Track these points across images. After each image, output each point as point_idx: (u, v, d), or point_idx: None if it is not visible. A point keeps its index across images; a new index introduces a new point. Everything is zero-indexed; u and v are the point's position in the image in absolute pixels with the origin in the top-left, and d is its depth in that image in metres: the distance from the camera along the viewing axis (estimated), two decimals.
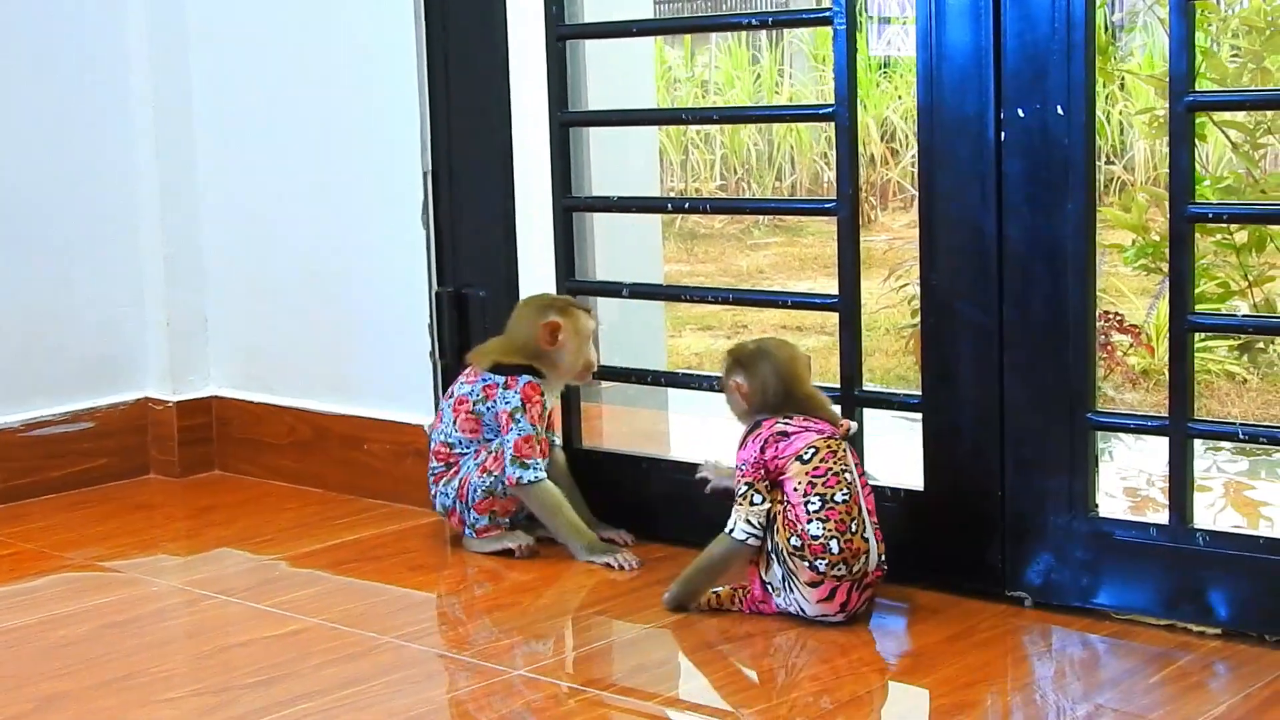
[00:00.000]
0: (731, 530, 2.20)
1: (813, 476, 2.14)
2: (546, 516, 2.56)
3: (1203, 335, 4.76)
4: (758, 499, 2.18)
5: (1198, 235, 4.88)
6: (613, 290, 2.77)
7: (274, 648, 2.20)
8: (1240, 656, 2.03)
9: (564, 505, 2.56)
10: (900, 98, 10.75)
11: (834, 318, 2.43)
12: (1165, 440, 2.15)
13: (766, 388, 2.26)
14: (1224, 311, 5.07)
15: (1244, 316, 4.92)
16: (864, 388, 2.42)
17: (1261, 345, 5.22)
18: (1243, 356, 5.19)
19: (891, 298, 6.03)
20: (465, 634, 2.30)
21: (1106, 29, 7.51)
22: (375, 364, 2.98)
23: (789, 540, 2.14)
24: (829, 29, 2.34)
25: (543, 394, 2.57)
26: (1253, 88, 5.32)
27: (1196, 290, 5.09)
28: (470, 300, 2.82)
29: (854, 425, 2.26)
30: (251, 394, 3.20)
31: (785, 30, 12.20)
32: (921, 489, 2.35)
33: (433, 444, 2.64)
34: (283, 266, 3.13)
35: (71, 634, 2.30)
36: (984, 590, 2.28)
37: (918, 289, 2.40)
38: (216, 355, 3.25)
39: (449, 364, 2.85)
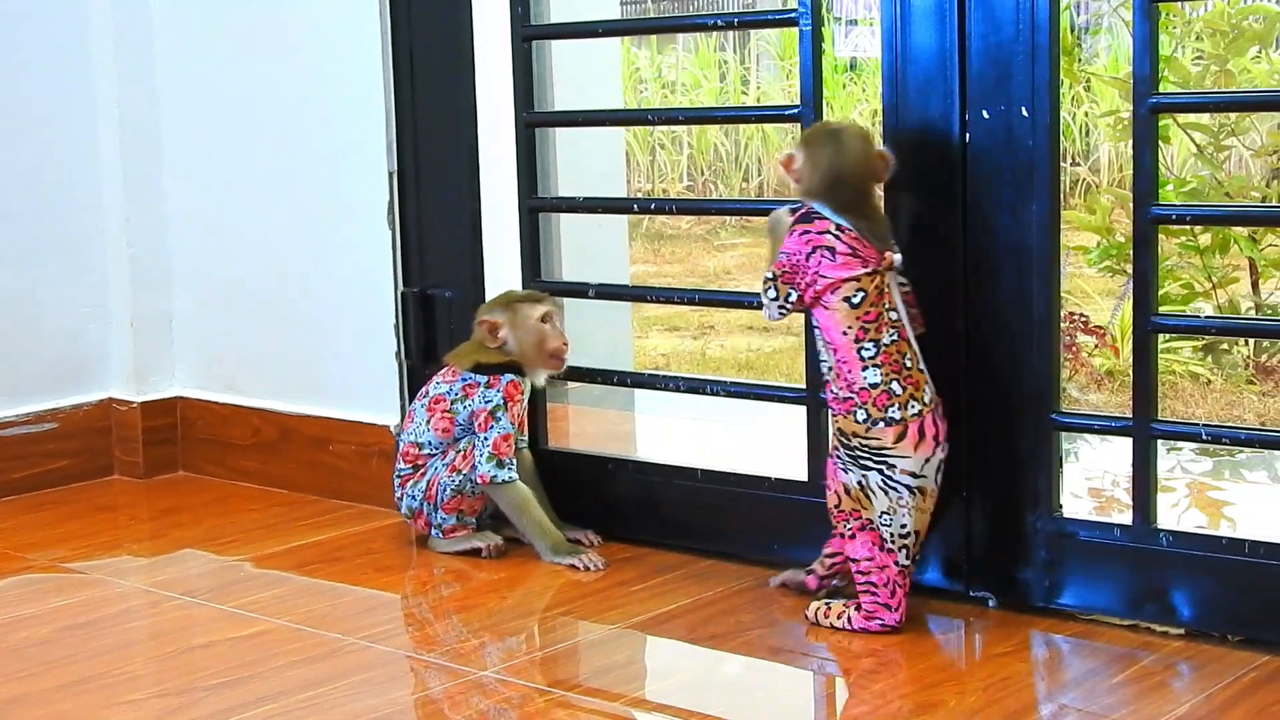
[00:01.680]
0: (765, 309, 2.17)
1: (864, 323, 2.08)
2: (515, 516, 2.56)
3: (1167, 336, 4.79)
4: (781, 293, 2.14)
5: (1162, 237, 4.91)
6: (579, 291, 2.77)
7: (238, 649, 2.19)
8: (1203, 656, 2.04)
9: (533, 505, 2.56)
10: (866, 99, 10.78)
11: (800, 319, 2.43)
12: (1129, 441, 2.16)
13: (844, 168, 2.14)
14: (1188, 313, 5.09)
15: (1207, 318, 4.94)
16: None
17: (1225, 347, 5.24)
18: (1206, 358, 5.22)
19: None
20: (431, 635, 2.29)
21: (1072, 31, 7.55)
22: (340, 365, 2.97)
23: (854, 418, 2.09)
24: (794, 30, 2.34)
25: (523, 393, 2.58)
26: (1216, 90, 5.35)
27: (1160, 292, 5.13)
28: (436, 301, 2.81)
29: (898, 257, 2.14)
30: (216, 395, 3.19)
31: (751, 31, 12.23)
32: None
33: (400, 445, 2.63)
34: (248, 267, 3.12)
35: (33, 635, 2.29)
36: (948, 591, 2.29)
37: None
38: (181, 355, 3.24)
39: (415, 365, 2.85)
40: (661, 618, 2.27)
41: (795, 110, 2.37)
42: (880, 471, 2.08)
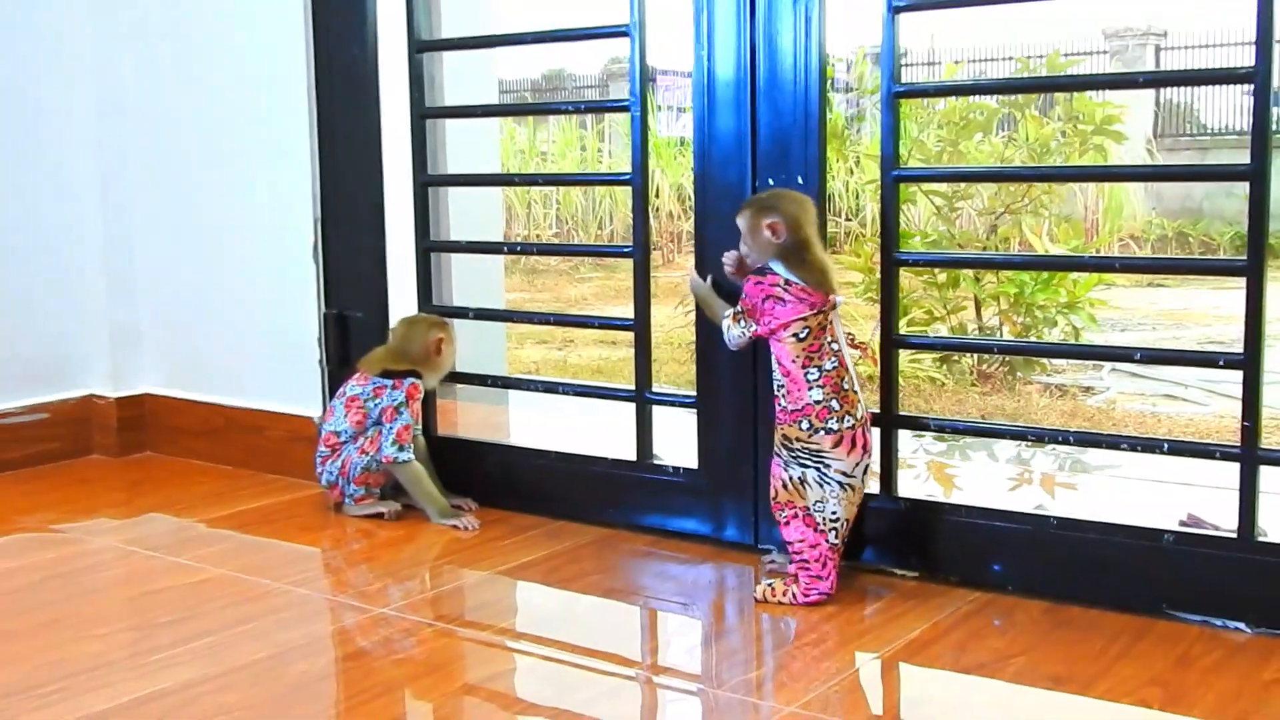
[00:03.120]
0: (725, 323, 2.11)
1: (809, 353, 2.01)
2: (411, 487, 2.53)
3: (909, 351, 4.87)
4: (743, 325, 2.07)
5: (909, 275, 5.02)
6: (461, 313, 2.75)
7: (188, 593, 2.14)
8: (931, 594, 2.07)
9: (425, 479, 2.53)
10: (690, 168, 10.86)
11: (632, 335, 2.43)
12: (877, 429, 2.19)
13: (795, 233, 2.03)
14: (925, 333, 5.19)
15: (935, 337, 5.05)
16: (652, 390, 2.42)
17: (956, 358, 5.36)
18: (941, 366, 5.33)
19: (682, 320, 6.09)
20: (344, 580, 2.25)
21: (844, 120, 7.66)
22: (275, 368, 2.92)
23: (799, 426, 2.01)
24: (627, 115, 2.34)
25: (421, 393, 2.55)
26: (947, 166, 5.47)
27: (907, 315, 5.24)
28: (350, 320, 2.77)
29: (840, 299, 2.05)
30: (176, 391, 3.11)
31: (605, 115, 12.23)
32: (695, 467, 2.36)
33: (322, 433, 2.59)
34: (202, 290, 3.05)
35: (23, 583, 2.21)
36: (741, 544, 2.30)
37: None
38: (149, 360, 3.16)
39: (333, 369, 2.80)
40: (524, 566, 2.25)
41: (627, 176, 2.36)
42: (818, 470, 2.02)
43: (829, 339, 2.02)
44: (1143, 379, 5.46)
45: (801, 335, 2.01)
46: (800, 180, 2.16)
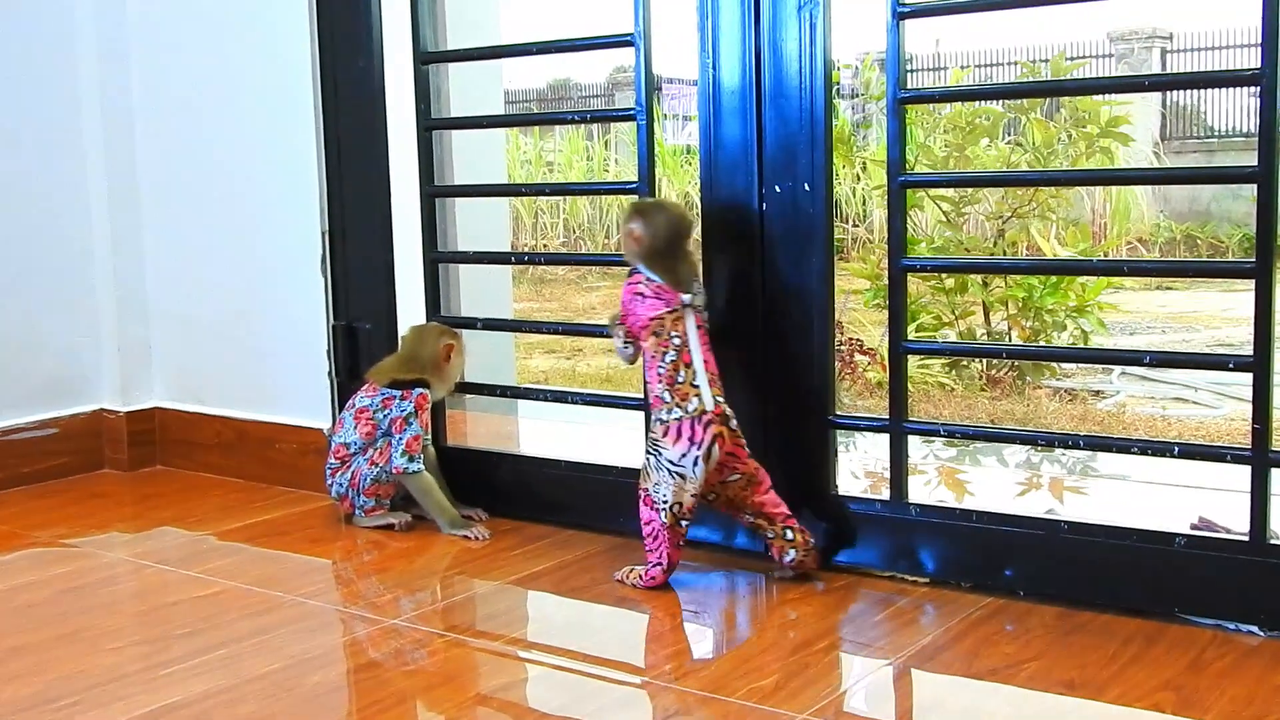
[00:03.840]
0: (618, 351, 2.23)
1: (660, 348, 2.12)
2: (421, 498, 2.53)
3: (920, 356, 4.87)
4: (620, 331, 2.20)
5: (917, 280, 5.01)
6: (469, 324, 2.76)
7: (201, 605, 2.15)
8: (942, 599, 2.08)
9: (435, 489, 2.53)
10: (697, 176, 10.88)
11: None
12: (887, 436, 2.19)
13: (656, 239, 2.16)
14: (933, 338, 5.19)
15: (944, 342, 5.05)
16: None
17: (965, 363, 5.35)
18: (950, 371, 5.32)
19: None
20: (355, 591, 2.26)
21: (849, 126, 7.67)
22: (284, 381, 2.93)
23: (650, 415, 2.14)
24: (633, 124, 2.35)
25: (429, 403, 2.55)
26: (954, 171, 5.46)
27: (916, 321, 5.24)
28: (359, 332, 2.78)
29: (688, 297, 2.13)
30: (186, 405, 3.12)
31: (611, 124, 12.24)
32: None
33: (332, 445, 2.59)
34: (212, 305, 3.06)
35: (36, 597, 2.22)
36: (752, 551, 2.30)
37: None
38: (158, 375, 3.17)
39: (342, 381, 2.81)
40: (534, 575, 2.26)
41: (634, 185, 2.37)
42: (655, 456, 2.11)
43: (672, 334, 2.11)
44: (1152, 382, 5.45)
45: (659, 332, 2.12)
46: (807, 187, 2.17)
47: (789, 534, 2.14)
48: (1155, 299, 8.22)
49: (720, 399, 2.11)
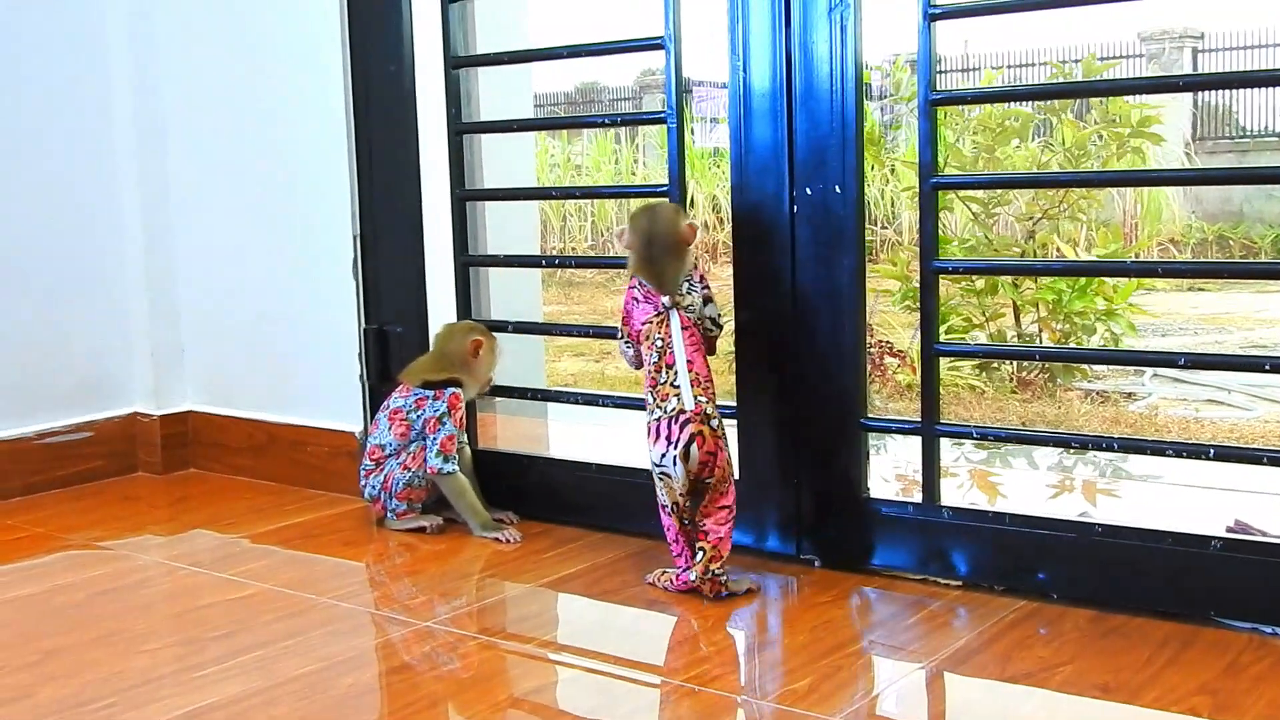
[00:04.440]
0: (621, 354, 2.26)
1: (649, 350, 2.13)
2: (454, 500, 2.54)
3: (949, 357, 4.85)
4: (622, 335, 2.22)
5: (946, 282, 5.00)
6: (500, 327, 2.76)
7: (234, 608, 2.16)
8: (975, 602, 2.07)
9: (468, 491, 2.54)
10: (724, 180, 10.88)
11: None
12: (919, 439, 2.18)
13: (639, 243, 2.17)
14: (964, 340, 5.17)
15: (976, 345, 5.02)
16: None
17: (995, 365, 5.33)
18: (981, 374, 5.30)
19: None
20: (387, 594, 2.27)
21: (879, 127, 7.65)
22: (316, 384, 2.94)
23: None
24: (664, 127, 2.35)
25: (463, 402, 2.56)
26: (984, 172, 5.44)
27: (946, 323, 5.22)
28: (390, 335, 2.79)
29: (668, 300, 2.13)
30: (219, 408, 3.14)
31: (639, 127, 12.24)
32: (736, 477, 2.35)
33: (366, 447, 2.60)
34: (244, 308, 3.08)
35: (71, 600, 2.24)
36: (783, 554, 2.30)
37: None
38: (191, 378, 3.19)
39: (374, 384, 2.82)
40: (566, 578, 2.26)
41: (664, 188, 2.37)
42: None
43: (657, 337, 2.12)
44: (1185, 384, 5.41)
45: (649, 336, 2.13)
46: (838, 189, 2.16)
47: (700, 554, 2.09)
48: (1187, 300, 8.16)
49: (703, 399, 2.08)
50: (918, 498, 2.18)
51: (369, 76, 2.76)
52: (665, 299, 2.14)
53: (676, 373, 2.10)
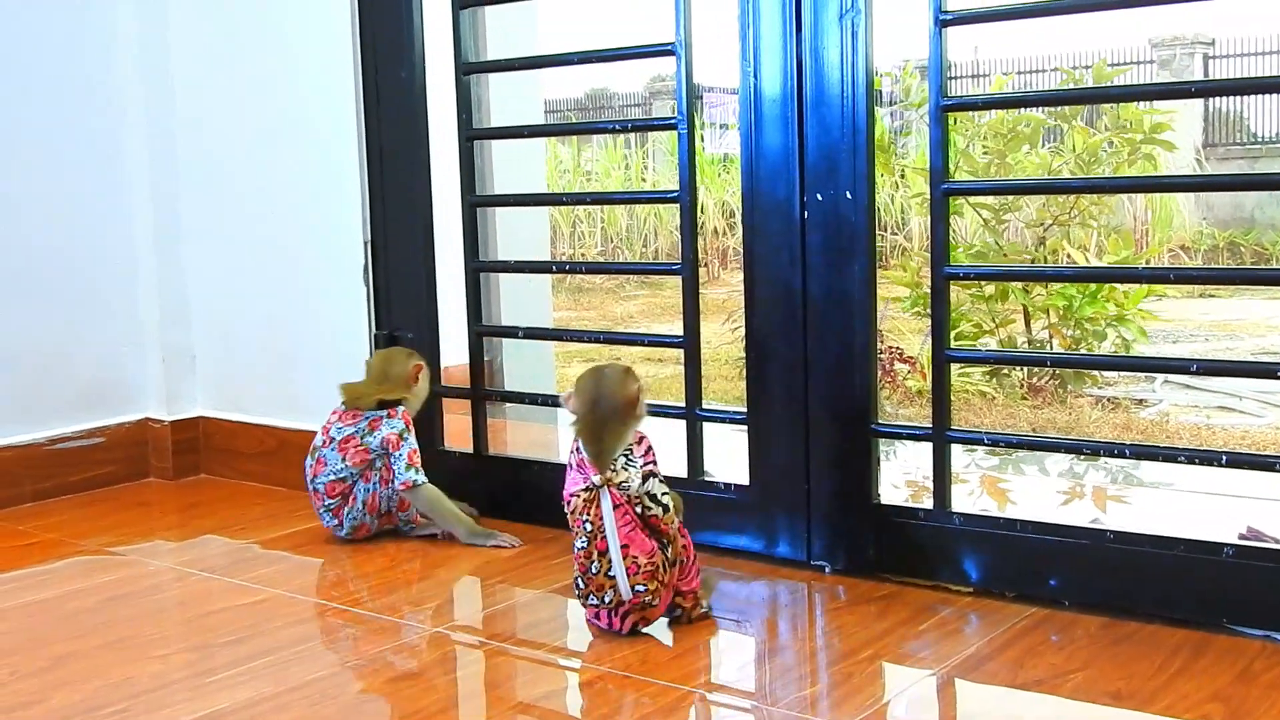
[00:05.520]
0: None
1: (574, 525, 1.97)
2: (431, 510, 2.51)
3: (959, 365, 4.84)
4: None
5: (956, 288, 4.99)
6: (510, 333, 2.77)
7: (245, 614, 2.16)
8: (986, 609, 2.06)
9: (444, 499, 2.51)
10: (734, 186, 10.89)
11: (681, 352, 2.43)
12: (929, 445, 2.18)
13: (580, 410, 2.01)
14: (975, 347, 5.16)
15: (988, 350, 5.01)
16: (703, 406, 2.42)
17: (1006, 371, 5.32)
18: (991, 380, 5.30)
19: (729, 336, 6.08)
20: (397, 600, 2.26)
21: (888, 133, 7.64)
22: (327, 390, 2.91)
23: None
24: (674, 133, 2.35)
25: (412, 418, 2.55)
26: (995, 178, 5.44)
27: (956, 329, 5.21)
28: (400, 341, 2.79)
29: (599, 478, 1.94)
30: (229, 414, 3.15)
31: (648, 133, 12.25)
32: (747, 483, 2.35)
33: (320, 488, 2.51)
34: (254, 314, 3.09)
35: (82, 605, 2.24)
36: (794, 560, 2.30)
37: None
38: (202, 384, 3.20)
39: None
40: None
41: (674, 194, 2.37)
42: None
43: (585, 517, 1.94)
44: (1196, 390, 5.40)
45: (568, 507, 1.97)
46: (849, 194, 2.16)
47: (680, 612, 2.02)
48: (1197, 307, 8.15)
49: (641, 587, 1.92)
50: (928, 504, 2.18)
51: (380, 82, 2.76)
52: (597, 478, 1.93)
53: (610, 561, 1.93)
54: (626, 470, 1.95)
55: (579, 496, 1.97)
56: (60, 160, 3.04)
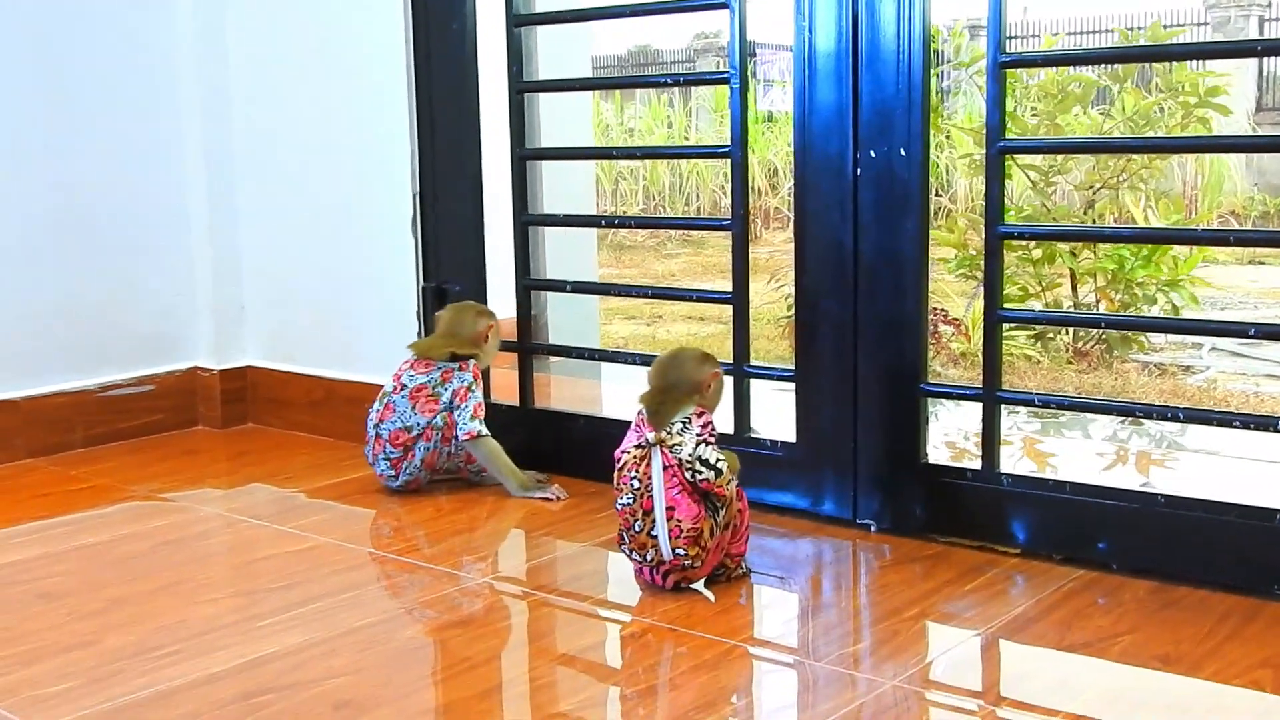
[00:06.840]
0: None
1: (619, 482, 1.98)
2: (489, 462, 2.53)
3: (1008, 325, 4.81)
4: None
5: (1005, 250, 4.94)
6: (558, 286, 2.76)
7: (293, 560, 2.18)
8: (1033, 570, 2.05)
9: (502, 453, 2.53)
10: (777, 145, 10.81)
11: (729, 310, 2.42)
12: (979, 406, 2.16)
13: (653, 372, 2.05)
14: (1024, 309, 5.11)
15: (1041, 312, 4.96)
16: (751, 364, 2.42)
17: (1051, 335, 5.28)
18: (1037, 343, 5.25)
19: (772, 296, 6.06)
20: (443, 550, 2.28)
21: (936, 93, 7.56)
22: (374, 341, 2.96)
23: None
24: (726, 87, 2.33)
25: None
26: (1052, 137, 5.36)
27: (1003, 293, 5.16)
28: (449, 294, 2.79)
29: (651, 436, 1.94)
30: (278, 364, 3.17)
31: (692, 90, 12.18)
32: (794, 441, 2.35)
33: (385, 435, 2.52)
34: (303, 266, 3.10)
35: (134, 550, 2.27)
36: (840, 519, 2.29)
37: (793, 289, 2.40)
38: (251, 334, 3.22)
39: None
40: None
41: (726, 149, 2.35)
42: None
43: (631, 474, 1.95)
44: (1243, 358, 5.33)
45: (618, 464, 1.98)
46: (903, 152, 2.14)
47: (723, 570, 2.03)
48: (1246, 274, 8.03)
49: (681, 551, 1.93)
50: (976, 465, 2.17)
51: (431, 34, 2.75)
52: (651, 435, 1.95)
53: (654, 520, 1.93)
54: (681, 436, 1.95)
55: (630, 453, 1.97)
56: (115, 114, 3.05)
